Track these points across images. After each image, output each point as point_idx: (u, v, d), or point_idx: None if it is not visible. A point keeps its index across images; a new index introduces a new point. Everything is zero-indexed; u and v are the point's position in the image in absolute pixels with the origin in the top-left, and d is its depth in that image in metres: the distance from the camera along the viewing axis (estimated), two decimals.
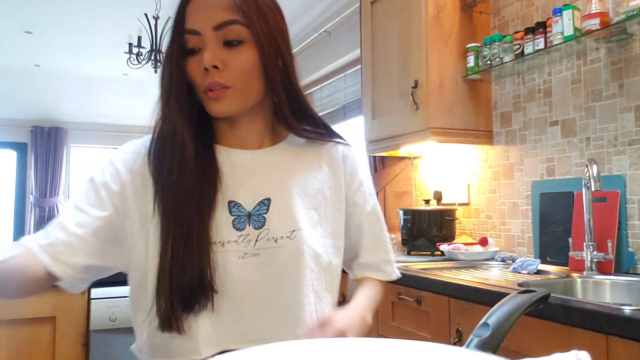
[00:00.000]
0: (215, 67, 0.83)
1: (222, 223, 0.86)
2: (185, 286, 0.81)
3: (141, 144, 0.92)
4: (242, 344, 0.83)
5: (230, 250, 0.85)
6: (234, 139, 0.93)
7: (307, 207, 0.92)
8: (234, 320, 0.85)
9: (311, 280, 0.89)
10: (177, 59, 0.86)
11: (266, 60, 0.86)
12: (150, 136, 0.90)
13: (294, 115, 0.93)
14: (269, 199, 0.90)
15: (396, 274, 1.07)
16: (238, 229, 0.87)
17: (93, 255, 0.83)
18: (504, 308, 0.60)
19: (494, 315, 0.59)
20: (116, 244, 0.86)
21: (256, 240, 0.87)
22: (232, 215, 0.87)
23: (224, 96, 0.85)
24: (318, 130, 0.98)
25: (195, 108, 0.89)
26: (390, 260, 1.06)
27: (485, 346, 0.55)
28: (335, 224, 0.96)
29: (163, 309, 0.82)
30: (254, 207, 0.89)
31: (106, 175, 0.87)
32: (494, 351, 0.55)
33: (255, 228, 0.87)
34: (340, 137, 1.02)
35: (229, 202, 0.88)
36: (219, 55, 0.84)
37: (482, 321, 0.58)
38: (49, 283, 0.81)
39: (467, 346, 0.56)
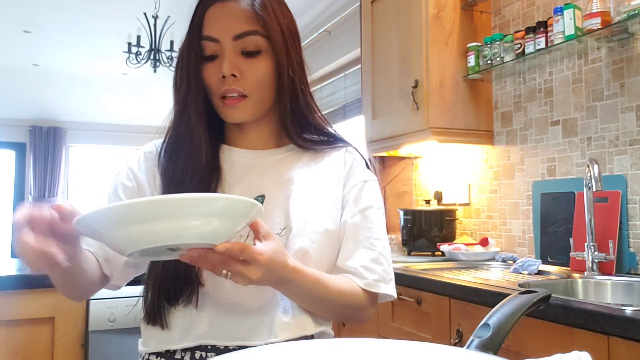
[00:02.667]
0: (234, 75, 0.86)
1: None
2: (171, 278, 0.83)
3: (154, 144, 0.97)
4: (221, 339, 0.85)
5: None
6: (241, 141, 0.97)
7: (302, 204, 0.92)
8: (215, 314, 0.86)
9: None
10: (194, 64, 0.89)
11: (281, 70, 0.90)
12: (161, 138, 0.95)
13: (297, 125, 0.95)
14: (262, 196, 0.91)
15: (380, 288, 0.90)
16: None
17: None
18: (505, 309, 0.60)
19: (495, 315, 0.59)
20: None
21: (247, 237, 0.86)
22: None
23: (241, 105, 0.88)
24: (322, 138, 0.98)
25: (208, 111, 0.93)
26: (374, 270, 0.91)
27: (486, 347, 0.55)
28: (332, 223, 0.94)
29: (149, 301, 0.86)
30: None
31: (122, 176, 0.93)
32: (495, 352, 0.55)
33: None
34: (345, 141, 1.02)
35: None
36: (237, 64, 0.87)
37: (482, 322, 0.58)
38: (101, 284, 0.90)
39: (468, 347, 0.55)
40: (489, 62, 2.17)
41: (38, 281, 1.74)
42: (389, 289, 0.92)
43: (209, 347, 0.85)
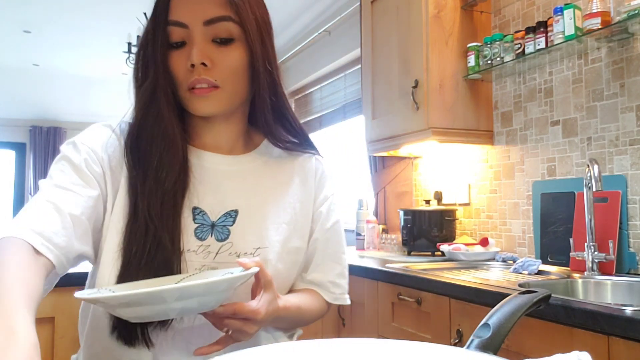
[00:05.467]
0: (204, 64, 0.79)
1: (184, 230, 0.80)
2: None
3: (110, 129, 0.85)
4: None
5: (189, 259, 0.80)
6: (206, 139, 0.89)
7: (277, 222, 0.88)
8: (186, 334, 0.81)
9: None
10: (161, 53, 0.80)
11: (256, 61, 0.83)
12: (120, 121, 0.86)
13: (276, 119, 0.90)
14: (236, 211, 0.85)
15: (345, 300, 0.98)
16: (199, 239, 0.82)
17: (85, 240, 0.75)
18: (505, 309, 0.60)
19: (495, 315, 0.59)
20: (96, 230, 0.79)
21: (217, 253, 0.82)
22: (196, 223, 0.82)
23: (211, 96, 0.81)
24: (295, 140, 0.94)
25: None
26: (340, 284, 0.97)
27: (486, 347, 0.55)
28: (302, 240, 0.93)
29: (131, 327, 0.76)
30: (220, 218, 0.84)
31: (85, 155, 0.79)
32: (495, 352, 0.55)
33: (218, 240, 0.83)
34: (315, 149, 0.99)
35: (194, 209, 0.83)
36: (207, 51, 0.79)
37: (482, 322, 0.58)
38: (44, 277, 0.67)
39: (468, 347, 0.55)
40: (489, 62, 2.17)
41: None
42: (348, 299, 0.99)
43: None
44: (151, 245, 0.76)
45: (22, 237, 0.65)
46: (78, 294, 0.64)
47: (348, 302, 0.98)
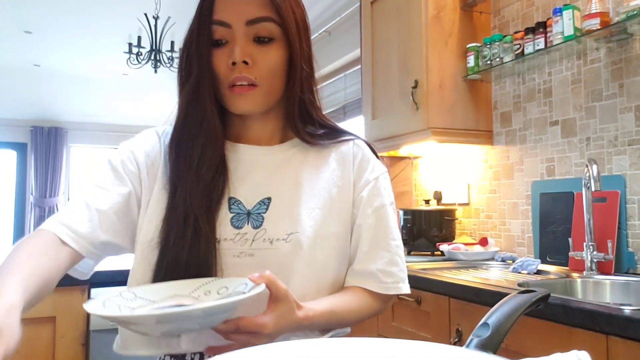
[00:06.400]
0: (245, 62, 0.82)
1: (220, 219, 0.84)
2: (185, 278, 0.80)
3: (155, 131, 0.93)
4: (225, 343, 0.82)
5: (226, 248, 0.83)
6: (245, 135, 0.92)
7: (310, 207, 0.88)
8: None
9: (301, 284, 0.84)
10: (205, 50, 0.84)
11: (295, 60, 0.86)
12: (167, 126, 0.91)
13: (304, 119, 0.91)
14: (269, 198, 0.87)
15: (400, 289, 0.92)
16: (236, 227, 0.85)
17: (112, 231, 0.83)
18: (504, 308, 0.60)
19: (494, 315, 0.59)
20: (130, 223, 0.86)
21: (253, 240, 0.84)
22: (231, 213, 0.85)
23: (250, 94, 0.84)
24: (325, 132, 0.94)
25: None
26: (392, 273, 0.91)
27: (485, 346, 0.55)
28: (341, 225, 0.90)
29: None
30: (254, 206, 0.86)
31: (123, 156, 0.88)
32: (494, 351, 0.55)
33: (254, 227, 0.85)
34: (352, 134, 0.98)
35: (230, 199, 0.86)
36: (249, 50, 0.83)
37: (482, 321, 0.58)
38: (70, 263, 0.80)
39: (467, 346, 0.56)
40: (489, 62, 2.17)
41: None
42: (405, 287, 0.93)
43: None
44: (191, 236, 0.80)
45: (49, 228, 0.78)
46: (92, 310, 0.67)
47: (404, 290, 0.93)
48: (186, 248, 0.80)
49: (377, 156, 0.98)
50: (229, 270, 0.83)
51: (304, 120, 0.91)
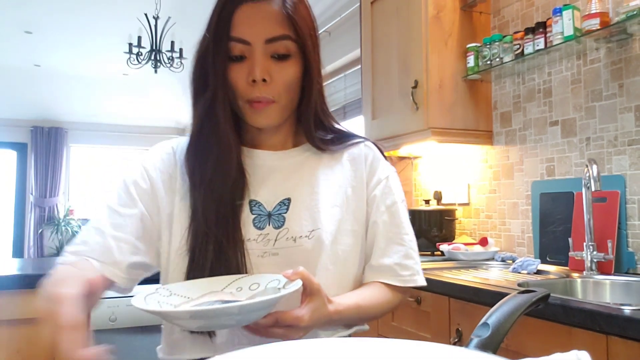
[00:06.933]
0: (264, 80, 0.85)
1: (243, 221, 0.88)
2: None
3: (170, 145, 0.96)
4: (258, 344, 0.84)
5: (250, 248, 0.87)
6: (258, 141, 0.95)
7: (328, 205, 0.92)
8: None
9: (326, 279, 0.87)
10: (221, 65, 0.86)
11: (310, 73, 0.90)
12: (182, 138, 0.94)
13: (316, 127, 0.95)
14: (289, 199, 0.91)
15: (416, 281, 0.95)
16: (258, 228, 0.88)
17: (133, 252, 0.85)
18: (504, 308, 0.60)
19: (494, 315, 0.59)
20: (149, 241, 0.88)
21: (275, 240, 0.88)
22: (253, 214, 0.89)
23: (267, 109, 0.87)
24: (335, 137, 0.98)
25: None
26: (408, 266, 0.95)
27: (485, 346, 0.55)
28: (357, 223, 0.94)
29: None
30: (274, 207, 0.90)
31: (136, 175, 0.90)
32: (494, 351, 0.55)
33: (275, 227, 0.88)
34: (361, 137, 1.02)
35: (250, 201, 0.90)
36: (267, 67, 0.85)
37: (482, 321, 0.58)
38: (105, 289, 0.83)
39: (467, 346, 0.56)
40: (488, 62, 2.17)
41: (39, 281, 1.74)
42: (421, 279, 0.96)
43: None
44: (213, 246, 0.84)
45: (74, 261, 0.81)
46: (138, 304, 0.69)
47: (421, 282, 0.96)
48: (211, 252, 0.84)
49: (384, 157, 1.02)
50: (253, 270, 0.86)
51: (316, 127, 0.95)
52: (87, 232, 0.85)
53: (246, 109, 0.88)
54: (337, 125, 0.99)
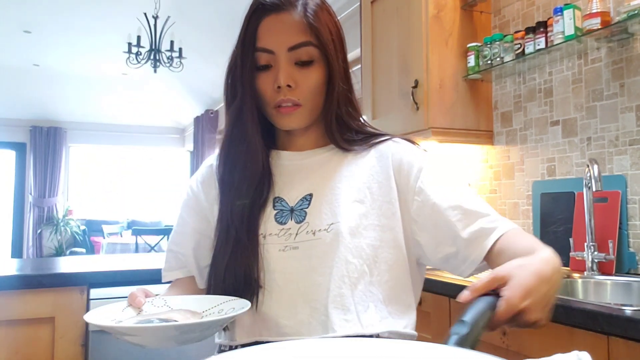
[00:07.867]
0: (289, 85, 0.90)
1: (265, 217, 0.92)
2: (232, 283, 0.89)
3: (213, 157, 1.03)
4: (276, 336, 0.88)
5: (271, 242, 0.90)
6: (290, 144, 1.01)
7: (350, 200, 0.93)
8: (270, 311, 0.89)
9: (347, 272, 0.87)
10: (249, 75, 0.92)
11: (332, 78, 0.94)
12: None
13: (341, 129, 0.97)
14: (311, 195, 0.94)
15: (511, 224, 0.89)
16: (280, 223, 0.92)
17: (198, 257, 1.00)
18: (479, 305, 0.62)
19: (469, 312, 0.61)
20: (205, 251, 0.98)
21: (296, 234, 0.91)
22: (275, 210, 0.93)
23: (294, 112, 0.92)
24: (362, 137, 0.99)
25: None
26: (496, 219, 0.89)
27: (464, 342, 0.55)
28: (385, 218, 0.93)
29: None
30: (297, 203, 0.94)
31: (187, 199, 1.03)
32: (472, 347, 0.55)
33: (297, 222, 0.92)
34: (388, 134, 1.01)
35: (274, 198, 0.95)
36: (292, 74, 0.90)
37: (459, 318, 0.59)
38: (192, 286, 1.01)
39: (447, 343, 0.55)
40: (489, 62, 2.17)
41: (38, 281, 1.74)
42: (507, 222, 0.90)
43: (264, 343, 0.85)
44: (233, 243, 0.90)
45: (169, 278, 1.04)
46: (86, 316, 0.75)
47: (513, 225, 0.89)
48: (227, 253, 0.90)
49: (416, 148, 1.02)
50: (274, 264, 0.89)
51: (341, 130, 0.97)
52: (168, 254, 1.04)
53: (274, 114, 0.93)
54: (367, 128, 1.02)
